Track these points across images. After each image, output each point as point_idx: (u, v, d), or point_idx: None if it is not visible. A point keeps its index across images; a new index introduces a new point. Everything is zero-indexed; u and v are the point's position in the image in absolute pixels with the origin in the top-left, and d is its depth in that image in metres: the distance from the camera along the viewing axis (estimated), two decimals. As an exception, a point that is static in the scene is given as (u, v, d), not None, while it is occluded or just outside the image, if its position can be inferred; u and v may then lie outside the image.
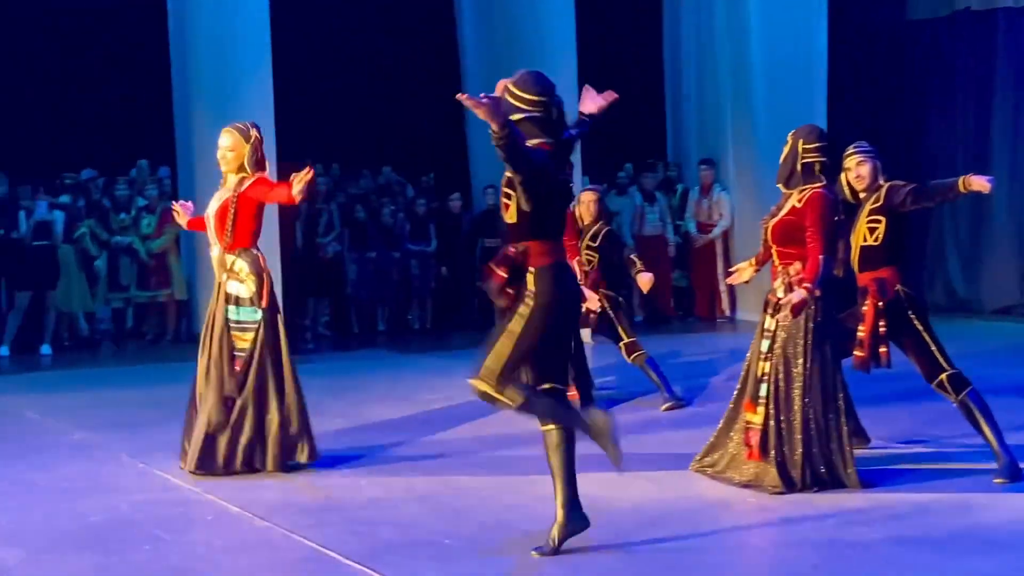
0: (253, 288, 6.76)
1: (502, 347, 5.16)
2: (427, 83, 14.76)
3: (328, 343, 13.16)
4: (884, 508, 5.97)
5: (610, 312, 8.83)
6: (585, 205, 8.99)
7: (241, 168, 6.81)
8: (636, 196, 14.33)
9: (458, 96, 5.00)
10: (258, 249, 6.89)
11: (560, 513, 5.27)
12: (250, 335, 6.78)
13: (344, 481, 6.77)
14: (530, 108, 5.22)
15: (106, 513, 6.10)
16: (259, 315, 6.78)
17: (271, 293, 6.79)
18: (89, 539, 5.64)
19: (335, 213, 13.53)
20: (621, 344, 8.84)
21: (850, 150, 6.76)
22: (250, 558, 5.40)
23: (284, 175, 6.69)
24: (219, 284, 6.89)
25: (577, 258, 8.72)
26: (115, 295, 13.09)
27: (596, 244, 8.88)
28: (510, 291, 5.21)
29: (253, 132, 6.85)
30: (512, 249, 5.21)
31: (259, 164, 6.85)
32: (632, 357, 8.81)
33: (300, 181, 6.41)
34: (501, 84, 5.28)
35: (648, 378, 8.83)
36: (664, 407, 8.61)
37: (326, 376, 10.59)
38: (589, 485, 5.48)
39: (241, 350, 6.79)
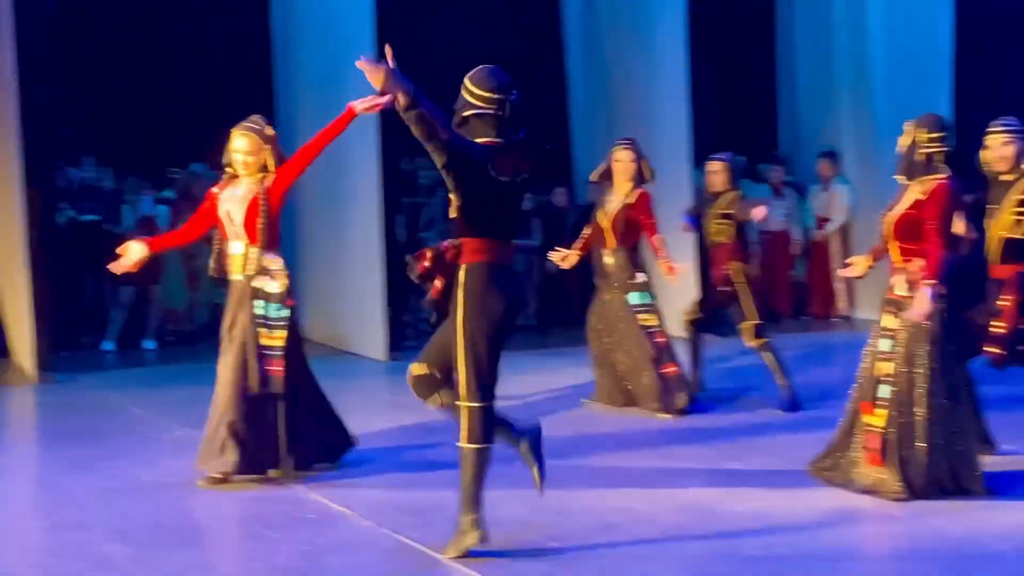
0: (284, 286, 6.75)
1: (455, 364, 5.23)
2: (530, 73, 14.72)
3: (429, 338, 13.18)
4: (1012, 518, 5.81)
5: (739, 288, 8.56)
6: (714, 175, 8.87)
7: (263, 169, 6.78)
8: (750, 189, 14.13)
9: (358, 62, 4.90)
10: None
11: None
12: (280, 333, 6.71)
13: (449, 481, 6.75)
14: (484, 105, 5.24)
15: (210, 510, 6.18)
16: (287, 313, 6.74)
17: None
18: (195, 536, 5.71)
19: (437, 207, 13.57)
20: (744, 325, 8.64)
21: (995, 127, 6.55)
22: (354, 558, 5.42)
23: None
24: (237, 282, 6.79)
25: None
26: (218, 291, 13.26)
27: (729, 213, 8.72)
28: (437, 284, 5.25)
29: (268, 130, 6.82)
30: (447, 243, 5.26)
31: (281, 160, 6.82)
32: (754, 342, 8.62)
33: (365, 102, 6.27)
34: (389, 50, 5.05)
35: (767, 367, 8.61)
36: (780, 407, 8.49)
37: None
38: (700, 490, 5.41)
39: (269, 348, 6.71)
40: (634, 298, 8.63)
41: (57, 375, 10.46)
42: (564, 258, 8.75)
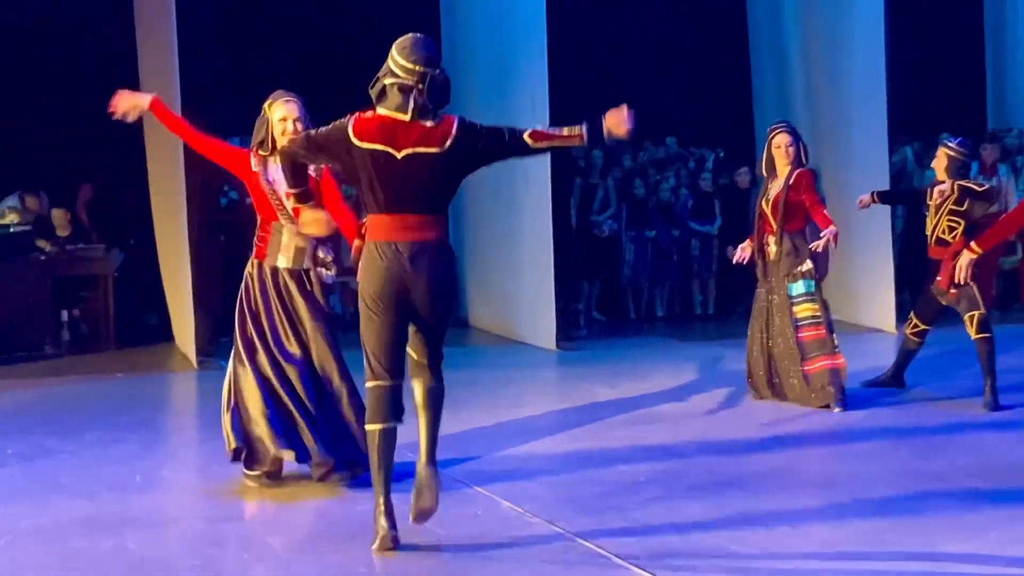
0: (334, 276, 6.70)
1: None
2: (713, 48, 14.57)
3: (601, 328, 13.15)
4: None
5: (970, 277, 8.04)
6: (939, 161, 8.58)
7: None
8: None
9: None
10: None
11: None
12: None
13: (623, 477, 6.72)
14: (403, 76, 5.37)
15: (368, 504, 6.22)
16: (332, 254, 6.70)
17: None
18: (362, 531, 5.77)
19: (612, 188, 13.50)
20: (973, 314, 8.33)
21: None
22: (522, 556, 5.41)
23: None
24: (284, 269, 6.66)
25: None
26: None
27: (961, 211, 8.37)
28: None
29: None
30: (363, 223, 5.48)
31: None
32: (978, 334, 8.33)
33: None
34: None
35: (979, 360, 8.37)
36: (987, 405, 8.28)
37: (599, 363, 10.60)
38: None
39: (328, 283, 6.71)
40: (795, 288, 8.50)
41: (220, 361, 10.71)
42: (741, 252, 8.71)
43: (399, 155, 5.34)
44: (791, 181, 8.49)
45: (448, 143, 5.42)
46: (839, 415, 8.25)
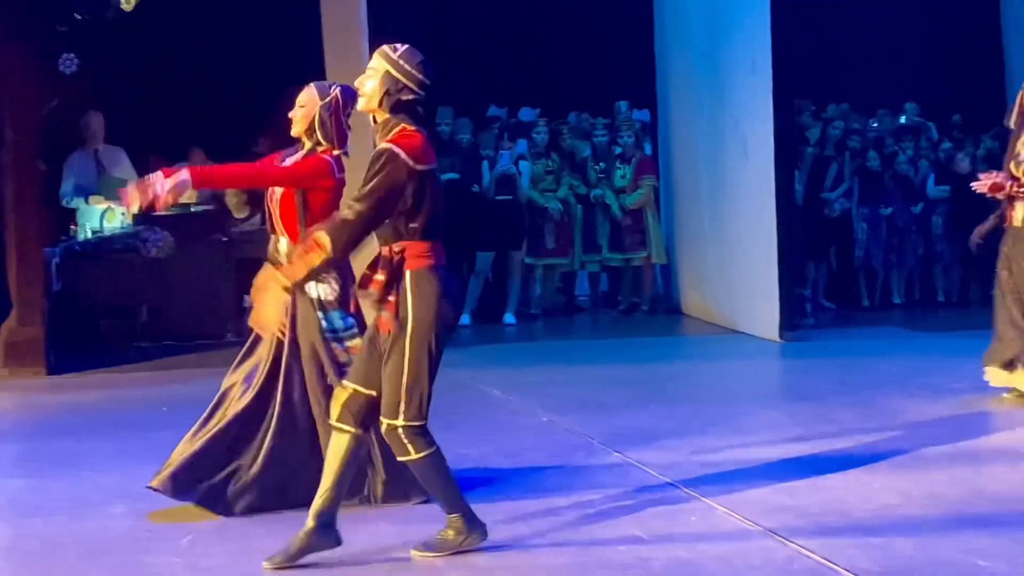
0: (337, 288, 6.22)
1: (396, 374, 5.28)
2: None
3: (830, 316, 13.00)
4: None
5: None
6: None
7: (311, 132, 6.26)
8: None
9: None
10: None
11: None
12: (353, 342, 6.20)
13: (852, 483, 6.63)
14: (420, 91, 5.40)
15: (579, 507, 6.27)
16: (350, 320, 6.23)
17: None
18: (561, 532, 5.81)
19: (846, 163, 13.29)
20: None
21: None
22: (740, 568, 5.38)
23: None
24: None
25: None
26: (589, 257, 13.49)
27: None
28: (391, 299, 5.30)
29: (334, 91, 6.29)
30: (388, 250, 5.33)
31: (336, 133, 6.25)
32: None
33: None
34: None
35: None
36: None
37: (827, 356, 10.48)
38: None
39: (347, 363, 6.13)
40: None
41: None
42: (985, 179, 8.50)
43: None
44: None
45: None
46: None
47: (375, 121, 5.44)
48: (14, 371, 10.35)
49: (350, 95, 6.07)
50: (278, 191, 6.23)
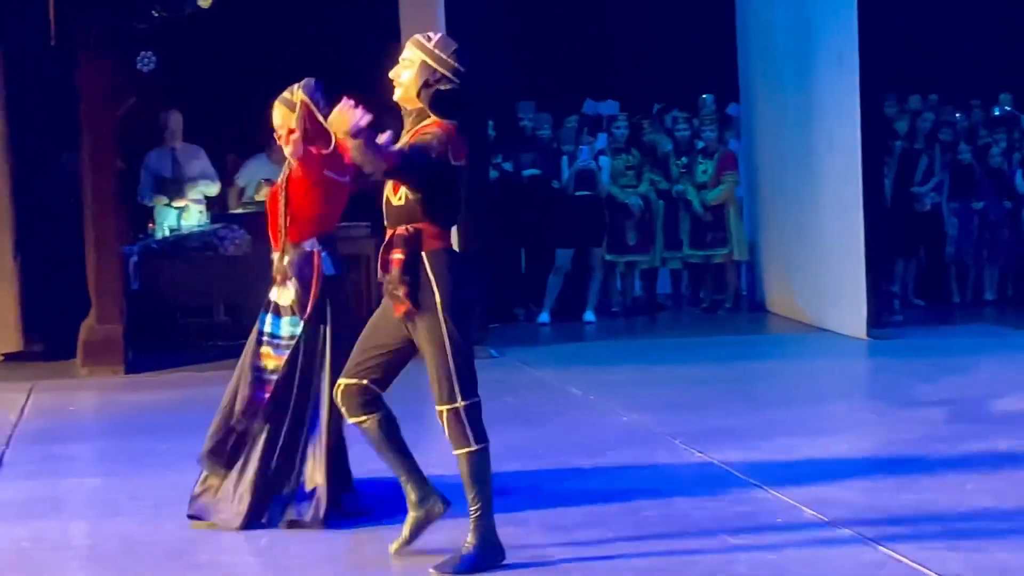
0: (293, 294, 6.12)
1: (439, 356, 5.28)
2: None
3: (920, 314, 12.88)
4: None
5: None
6: None
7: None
8: None
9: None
10: (321, 245, 6.17)
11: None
12: (283, 354, 6.13)
13: (944, 485, 6.57)
14: (454, 79, 5.35)
15: (661, 508, 6.27)
16: (299, 329, 6.11)
17: (319, 301, 6.06)
18: (639, 533, 5.81)
19: (937, 156, 13.16)
20: None
21: None
22: (827, 571, 5.35)
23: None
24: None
25: None
26: (670, 254, 13.45)
27: None
28: (407, 278, 5.31)
29: (297, 95, 6.14)
30: (404, 229, 5.34)
31: (318, 136, 6.04)
32: None
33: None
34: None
35: None
36: None
37: (917, 354, 10.40)
38: None
39: (272, 371, 6.15)
40: None
41: (489, 349, 10.94)
42: None
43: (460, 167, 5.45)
44: None
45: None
46: None
47: (405, 111, 5.47)
48: (93, 370, 10.48)
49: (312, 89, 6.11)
50: (282, 201, 6.19)
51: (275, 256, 6.24)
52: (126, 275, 11.22)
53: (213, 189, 12.40)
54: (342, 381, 5.52)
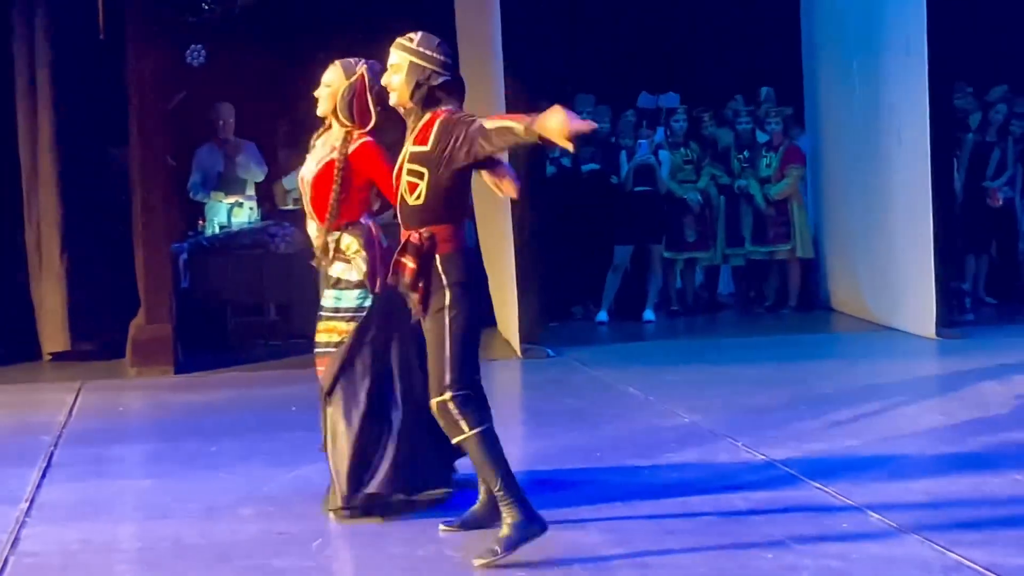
0: (364, 267, 6.25)
1: (437, 351, 5.52)
2: None
3: (992, 313, 12.79)
4: None
5: None
6: None
7: (335, 111, 6.33)
8: None
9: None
10: (372, 218, 6.36)
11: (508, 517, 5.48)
12: (347, 326, 6.26)
13: (1012, 486, 6.53)
14: (445, 72, 5.63)
15: (722, 511, 6.24)
16: (368, 301, 6.25)
17: (384, 275, 6.01)
18: (698, 537, 5.79)
19: (1010, 149, 13.05)
20: None
21: None
22: (895, 579, 5.34)
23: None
24: (322, 273, 6.44)
25: None
26: (732, 251, 13.39)
27: None
28: (421, 284, 5.55)
29: (359, 69, 6.31)
30: (416, 236, 5.56)
31: (359, 114, 6.28)
32: None
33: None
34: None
35: None
36: None
37: (988, 354, 10.32)
38: None
39: (327, 344, 6.31)
40: None
41: (546, 349, 10.93)
42: None
43: None
44: None
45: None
46: None
47: (405, 112, 5.73)
48: (142, 370, 10.54)
49: (376, 73, 6.20)
50: (309, 175, 6.35)
51: (318, 232, 6.32)
52: (176, 273, 11.27)
53: (259, 177, 12.49)
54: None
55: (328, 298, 6.34)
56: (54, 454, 7.84)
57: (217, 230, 11.95)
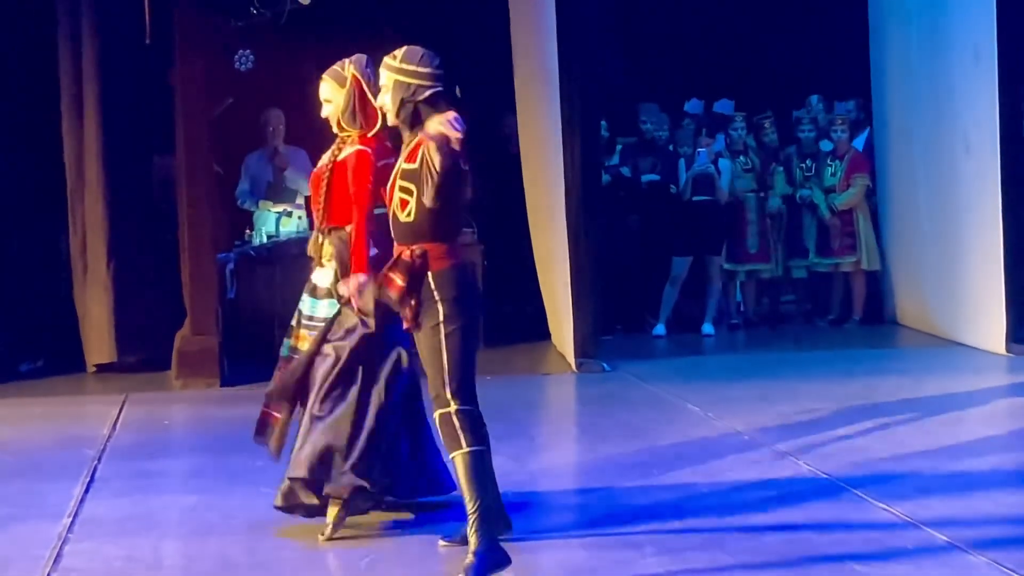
0: (332, 276, 6.34)
1: (435, 363, 5.64)
2: None
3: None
4: None
5: None
6: None
7: (339, 124, 6.48)
8: None
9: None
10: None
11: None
12: (314, 335, 6.39)
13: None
14: (434, 84, 5.74)
15: (783, 530, 6.23)
16: (335, 310, 6.32)
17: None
18: (757, 556, 5.79)
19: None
20: None
21: None
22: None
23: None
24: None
25: None
26: (795, 262, 13.32)
27: None
28: (412, 301, 5.66)
29: (348, 72, 6.47)
30: (408, 253, 5.68)
31: (364, 116, 6.43)
32: None
33: None
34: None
35: None
36: None
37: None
38: None
39: (295, 351, 6.52)
40: None
41: (602, 363, 10.92)
42: None
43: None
44: None
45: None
46: None
47: (400, 128, 5.88)
48: (187, 382, 10.58)
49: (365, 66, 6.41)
50: (324, 184, 6.46)
51: (313, 237, 6.50)
52: (222, 283, 11.29)
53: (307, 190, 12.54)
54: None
55: (303, 305, 6.47)
56: (97, 468, 7.91)
57: (265, 239, 11.97)
